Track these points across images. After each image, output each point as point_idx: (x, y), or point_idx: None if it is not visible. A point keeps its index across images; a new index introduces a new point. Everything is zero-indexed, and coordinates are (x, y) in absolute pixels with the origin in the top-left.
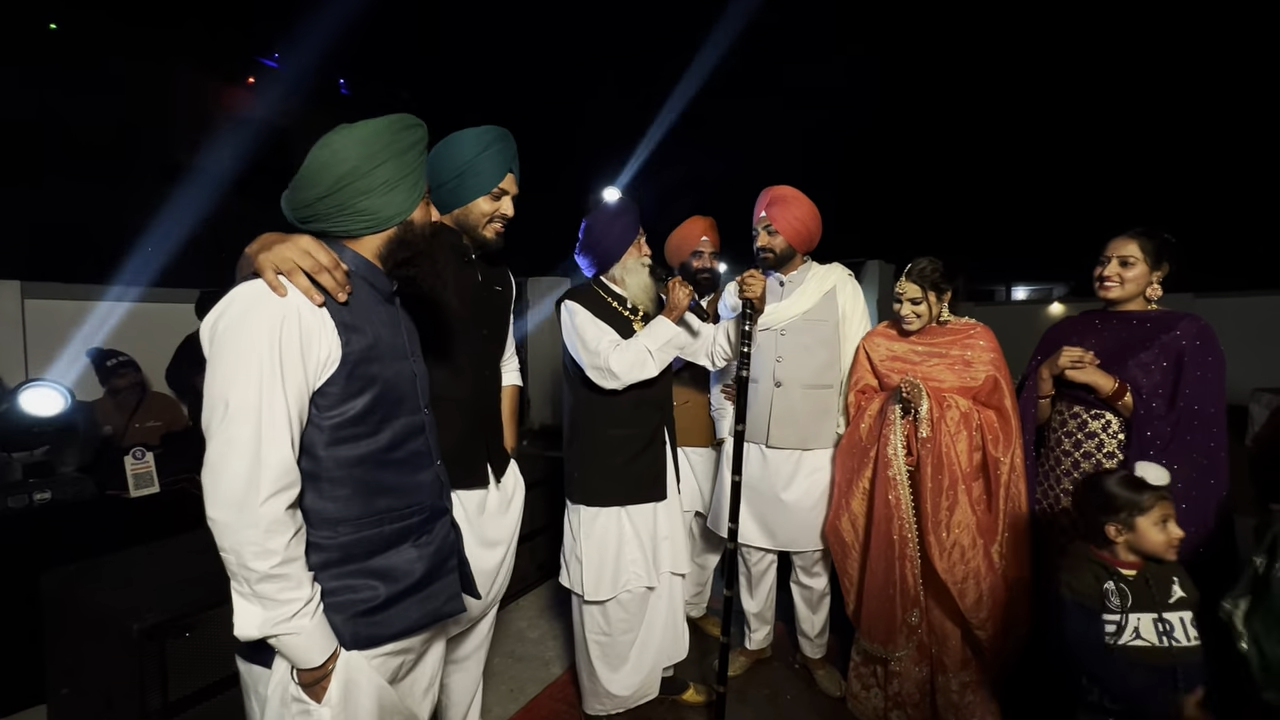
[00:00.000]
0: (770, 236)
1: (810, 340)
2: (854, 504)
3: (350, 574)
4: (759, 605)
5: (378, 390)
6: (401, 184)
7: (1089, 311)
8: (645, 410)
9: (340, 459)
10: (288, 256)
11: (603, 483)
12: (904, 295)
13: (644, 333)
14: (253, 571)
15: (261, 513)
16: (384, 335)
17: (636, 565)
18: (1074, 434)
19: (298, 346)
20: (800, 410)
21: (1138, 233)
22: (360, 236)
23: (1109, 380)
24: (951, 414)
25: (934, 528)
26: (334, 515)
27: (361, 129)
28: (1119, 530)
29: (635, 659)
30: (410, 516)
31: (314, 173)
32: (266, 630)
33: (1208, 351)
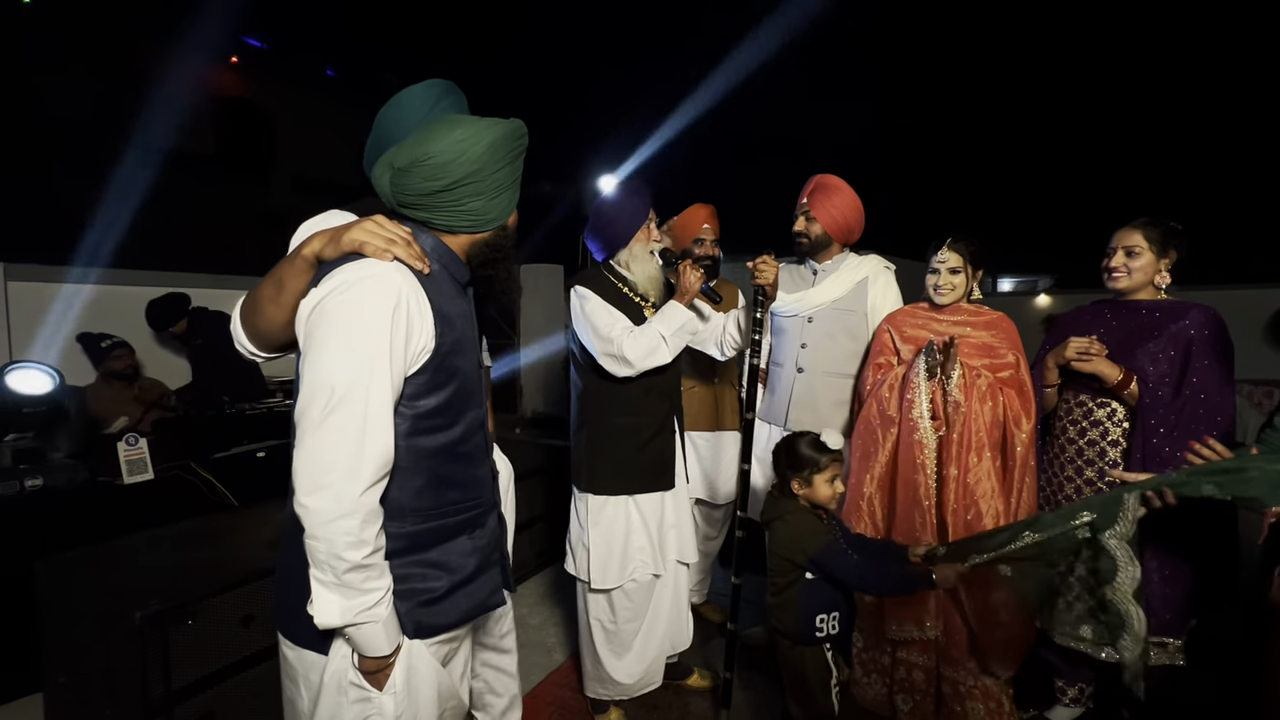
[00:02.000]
0: (808, 223)
1: (837, 329)
2: (874, 478)
3: (415, 564)
4: None
5: (458, 383)
6: (509, 189)
7: (1100, 301)
8: (654, 398)
9: (419, 449)
10: (379, 233)
11: (611, 471)
12: (944, 264)
13: (657, 318)
14: (344, 561)
15: (361, 502)
16: (465, 328)
17: (644, 554)
18: (1079, 422)
19: (405, 332)
20: (821, 397)
21: (1142, 222)
22: (458, 233)
23: (1115, 370)
24: (981, 381)
25: (952, 489)
26: (406, 505)
27: (489, 129)
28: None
29: (640, 647)
30: (471, 510)
31: (440, 165)
32: (348, 619)
33: (1216, 341)
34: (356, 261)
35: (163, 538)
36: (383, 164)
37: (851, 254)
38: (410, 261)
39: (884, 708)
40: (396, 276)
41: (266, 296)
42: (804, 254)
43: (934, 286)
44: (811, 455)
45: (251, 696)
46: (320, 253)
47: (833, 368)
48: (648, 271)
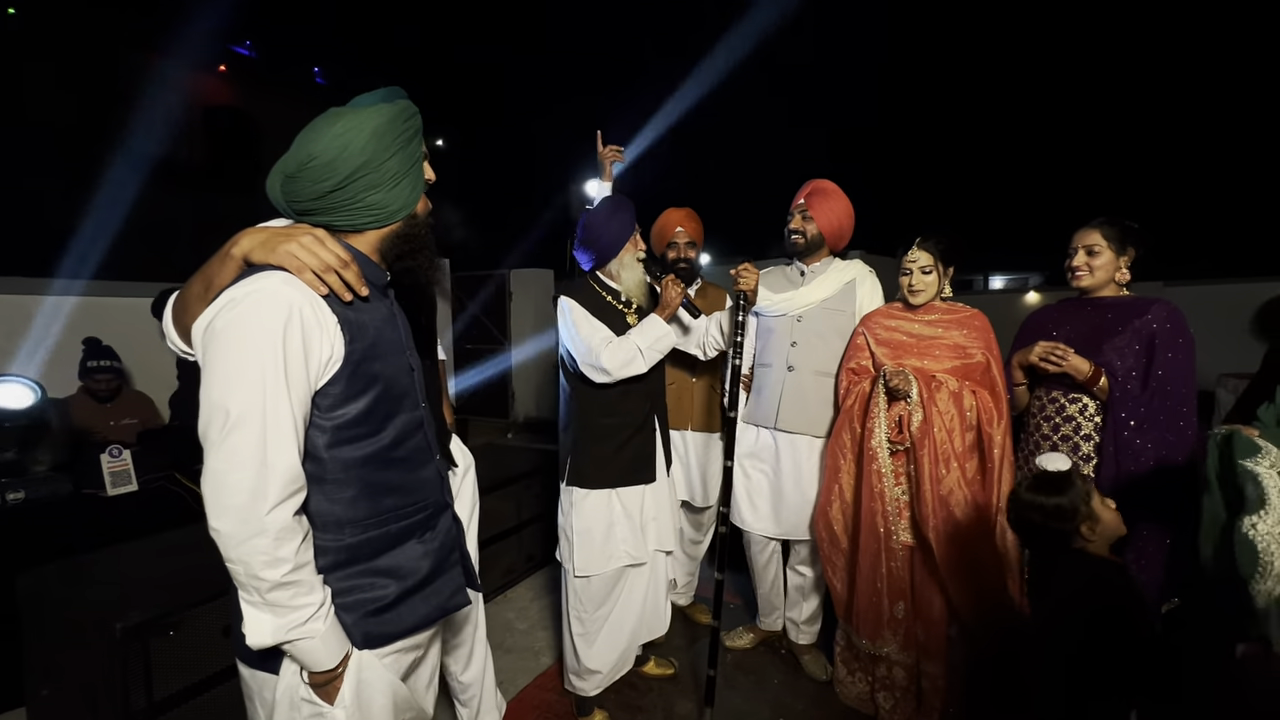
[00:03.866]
0: (805, 222)
1: (826, 328)
2: (840, 497)
3: (358, 574)
4: (765, 590)
5: (380, 389)
6: (408, 176)
7: (1066, 299)
8: (634, 399)
9: (344, 460)
10: (315, 253)
11: (594, 467)
12: (915, 264)
13: (636, 330)
14: (263, 581)
15: (269, 521)
16: (384, 331)
17: (626, 544)
18: (1052, 418)
19: (300, 347)
20: (811, 396)
21: (1100, 222)
22: (364, 230)
23: (1085, 364)
24: (942, 394)
25: (929, 502)
26: (340, 517)
27: (370, 118)
28: (1090, 528)
29: (609, 634)
30: (415, 514)
31: (324, 165)
32: (280, 638)
33: (1178, 334)
34: (251, 275)
35: (145, 549)
36: (275, 173)
37: (837, 258)
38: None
39: (867, 705)
40: (286, 290)
41: (195, 294)
42: (797, 253)
43: (907, 287)
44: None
45: (233, 707)
46: (249, 254)
47: (822, 367)
48: (635, 279)
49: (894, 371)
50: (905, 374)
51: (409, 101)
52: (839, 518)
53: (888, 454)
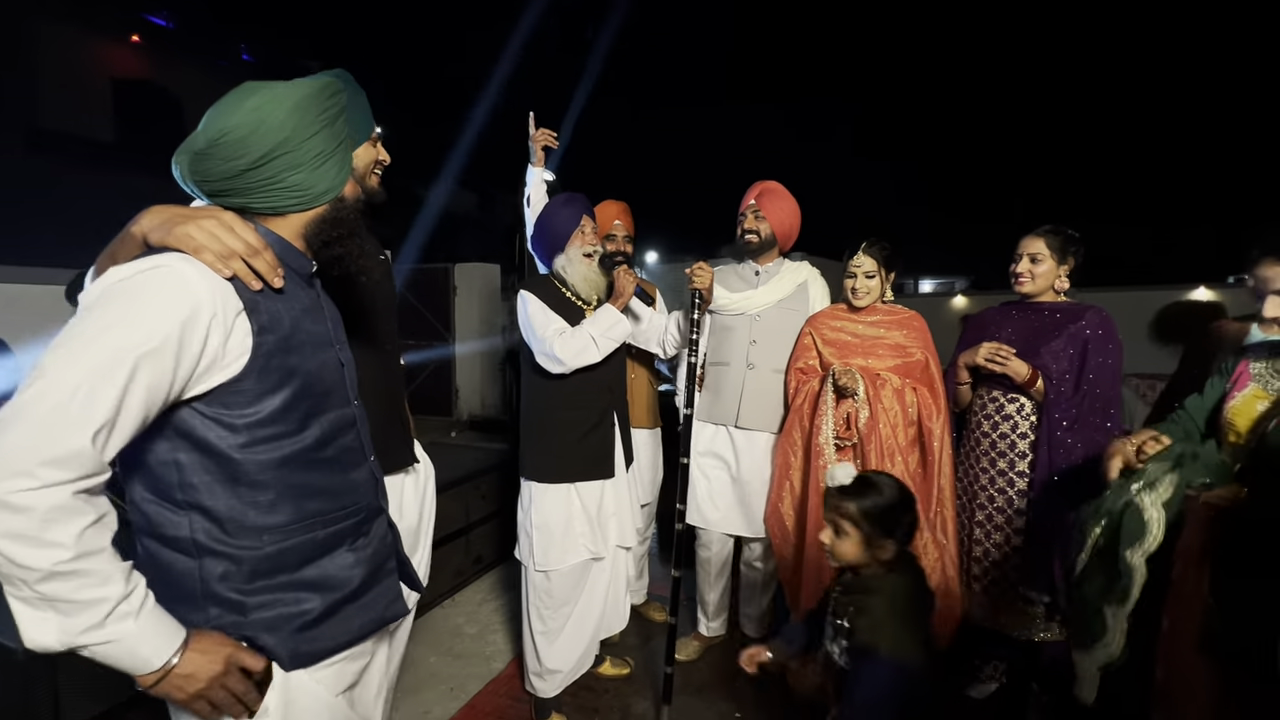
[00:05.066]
0: (758, 221)
1: (783, 326)
2: (790, 492)
3: (280, 586)
4: (716, 595)
5: (298, 384)
6: (334, 156)
7: (1008, 303)
8: (592, 393)
9: (261, 461)
10: (217, 236)
11: (552, 461)
12: (860, 268)
13: (589, 320)
14: (29, 570)
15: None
16: (304, 323)
17: (585, 538)
18: (992, 417)
19: (177, 338)
20: (770, 393)
21: (1044, 231)
22: (286, 214)
23: (1024, 367)
24: (886, 391)
25: None
26: (258, 523)
27: (290, 92)
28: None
29: (572, 631)
30: (345, 519)
31: (237, 141)
32: (69, 641)
33: (1108, 340)
34: (152, 255)
35: None
36: (181, 151)
37: (786, 259)
38: (259, 279)
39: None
40: (185, 269)
41: (102, 268)
42: (751, 253)
43: (852, 289)
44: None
45: None
46: (148, 234)
47: (780, 364)
48: (583, 274)
49: (842, 370)
50: (853, 372)
51: (332, 79)
52: (790, 513)
53: (834, 450)
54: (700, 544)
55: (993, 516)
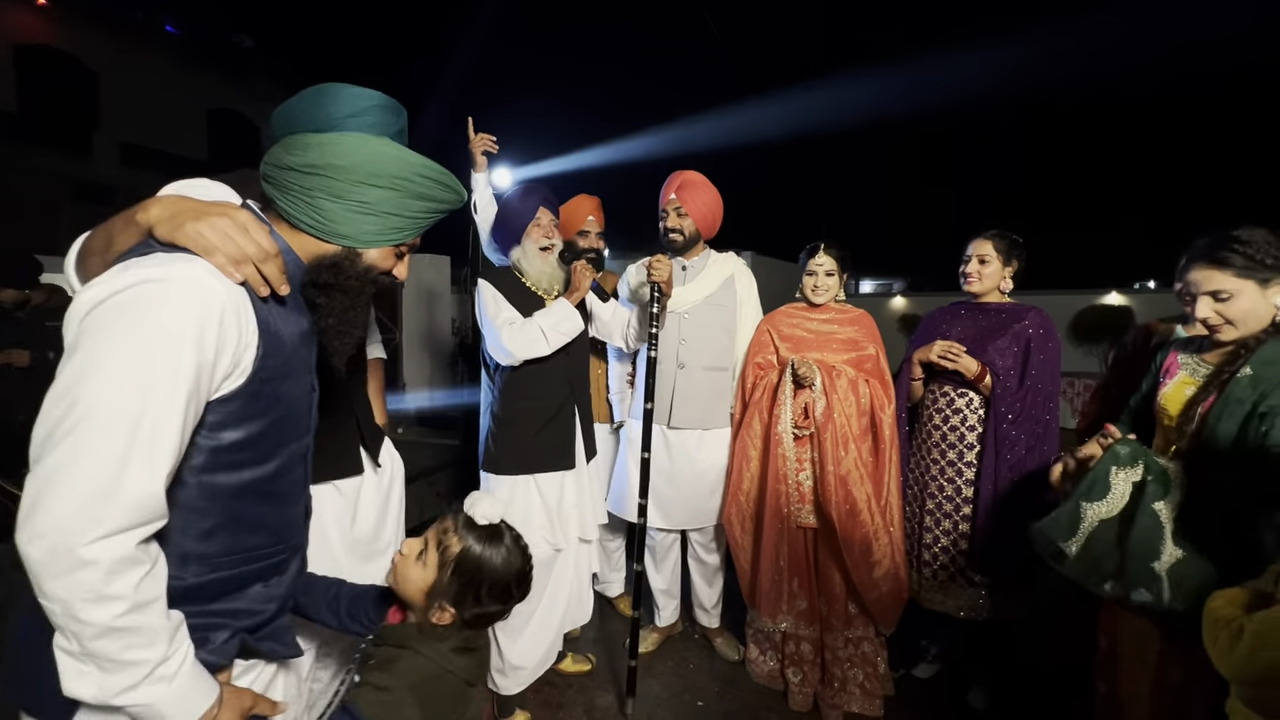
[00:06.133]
0: (680, 219)
1: (712, 323)
2: (747, 482)
3: (191, 615)
4: (666, 582)
5: (280, 412)
6: (378, 216)
7: (957, 303)
8: (551, 384)
9: (216, 487)
10: (231, 237)
11: (511, 452)
12: (821, 267)
13: (541, 312)
14: (86, 625)
15: (94, 551)
16: (299, 349)
17: (543, 530)
18: (943, 410)
19: (213, 353)
20: (702, 391)
21: (992, 234)
22: (300, 230)
23: (974, 364)
24: (841, 382)
25: (831, 483)
26: (188, 551)
27: (389, 146)
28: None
29: (537, 627)
30: (273, 556)
31: (305, 143)
32: (105, 699)
33: (1049, 339)
34: (165, 254)
35: None
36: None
37: (713, 251)
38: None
39: (777, 682)
40: (210, 283)
41: (96, 247)
42: (676, 251)
43: (812, 288)
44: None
45: None
46: (155, 226)
47: (711, 362)
48: (539, 268)
49: (801, 361)
50: (810, 364)
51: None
52: (748, 503)
53: (792, 439)
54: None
55: (942, 505)
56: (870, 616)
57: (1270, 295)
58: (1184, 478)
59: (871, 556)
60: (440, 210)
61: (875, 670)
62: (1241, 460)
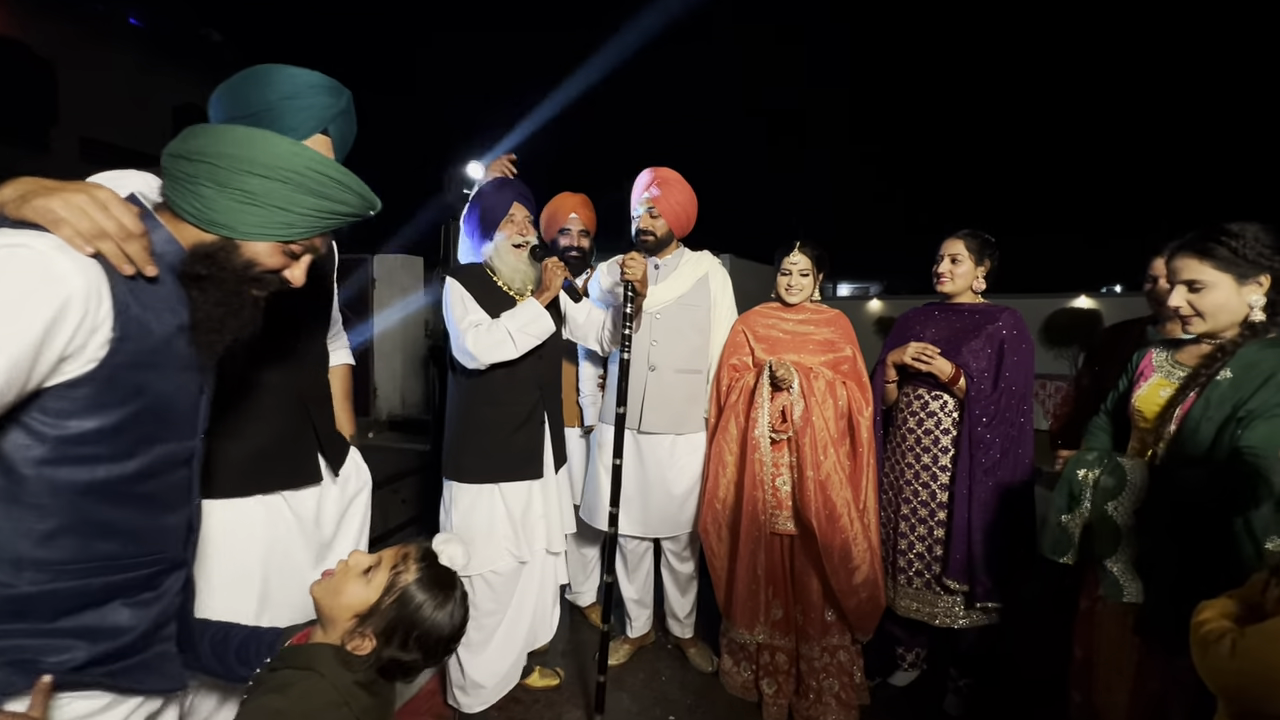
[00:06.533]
0: (653, 219)
1: (684, 324)
2: (723, 489)
3: (19, 634)
4: (638, 591)
5: (141, 404)
6: (262, 209)
7: (930, 304)
8: (520, 389)
9: (58, 482)
10: (86, 212)
11: (475, 460)
12: (795, 266)
13: (508, 314)
14: None
15: None
16: (176, 340)
17: (507, 542)
18: (918, 413)
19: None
20: (674, 394)
21: (964, 234)
22: (183, 220)
23: (949, 366)
24: (819, 384)
25: (810, 489)
26: (23, 555)
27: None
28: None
29: (500, 643)
30: (139, 568)
31: (197, 130)
32: None
33: (1022, 340)
34: (11, 230)
35: None
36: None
37: (686, 249)
38: (130, 264)
39: (751, 693)
40: (54, 255)
41: None
42: (649, 251)
43: (786, 287)
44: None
45: None
46: (3, 205)
47: (683, 364)
48: (512, 265)
49: (779, 363)
50: (789, 365)
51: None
52: (724, 510)
53: (769, 444)
54: (619, 547)
55: (917, 510)
56: (848, 624)
57: (1246, 293)
58: (1146, 476)
59: (851, 562)
60: (339, 213)
61: (851, 680)
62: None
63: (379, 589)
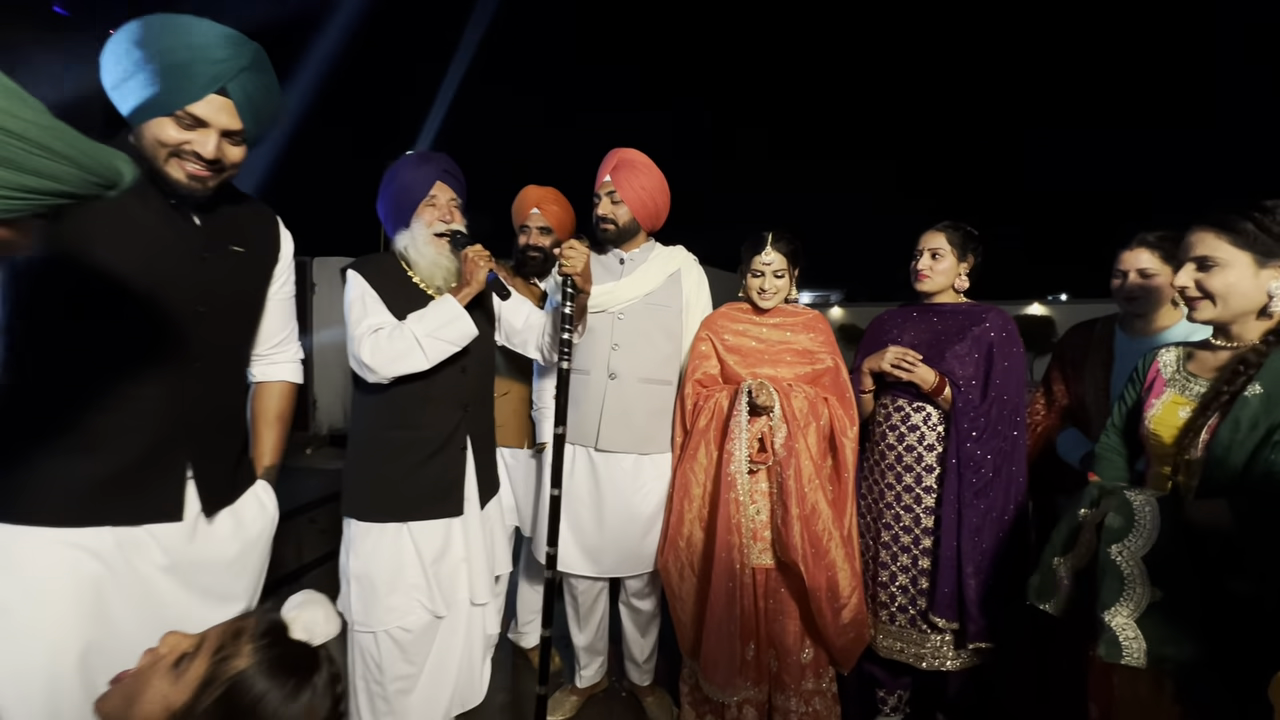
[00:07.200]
0: (614, 205)
1: (651, 326)
2: (688, 525)
3: None
4: (589, 638)
5: None
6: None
7: (906, 305)
8: (436, 408)
9: None
10: None
11: (377, 493)
12: (769, 266)
13: (415, 316)
14: None
15: None
16: None
17: (418, 592)
18: (898, 427)
19: None
20: (636, 407)
21: (944, 226)
22: None
23: (931, 374)
24: (799, 402)
25: (795, 527)
26: None
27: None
28: None
29: (418, 712)
30: None
31: None
32: None
33: (1012, 343)
34: None
35: None
36: None
37: (658, 244)
38: None
39: None
40: None
41: None
42: (608, 242)
43: (758, 290)
44: None
45: None
46: None
47: (649, 373)
48: (431, 258)
49: (758, 385)
50: (768, 387)
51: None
52: (690, 548)
53: (747, 479)
54: (565, 581)
55: (899, 537)
56: (831, 658)
57: (1265, 278)
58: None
59: (839, 600)
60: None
61: None
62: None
63: (192, 684)
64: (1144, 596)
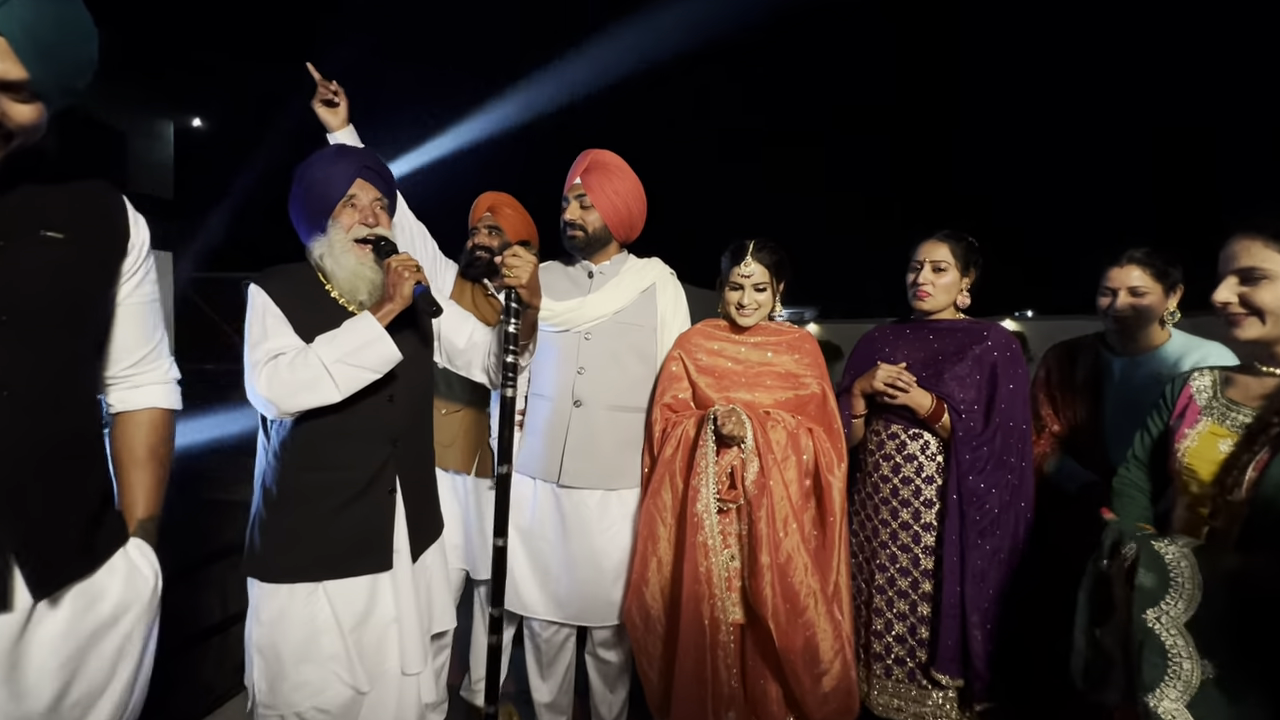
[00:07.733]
0: (583, 210)
1: (621, 347)
2: (653, 573)
3: None
4: (552, 692)
5: None
6: None
7: (898, 322)
8: (358, 445)
9: None
10: None
11: (285, 548)
12: (749, 279)
13: (324, 338)
14: None
15: None
16: None
17: (336, 664)
18: (893, 456)
19: None
20: (604, 438)
21: (946, 236)
22: None
23: (927, 398)
24: (777, 435)
25: (766, 577)
26: None
27: None
28: None
29: None
30: None
31: None
32: None
33: (1016, 364)
34: None
35: None
36: None
37: (632, 256)
38: None
39: None
40: None
41: None
42: (576, 250)
43: (738, 305)
44: None
45: None
46: None
47: (619, 400)
48: (350, 269)
49: (726, 412)
50: (739, 414)
51: None
52: (656, 598)
53: (715, 520)
54: (526, 626)
55: (895, 581)
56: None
57: None
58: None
59: (819, 666)
60: None
61: None
62: None
63: None
64: (1194, 673)
